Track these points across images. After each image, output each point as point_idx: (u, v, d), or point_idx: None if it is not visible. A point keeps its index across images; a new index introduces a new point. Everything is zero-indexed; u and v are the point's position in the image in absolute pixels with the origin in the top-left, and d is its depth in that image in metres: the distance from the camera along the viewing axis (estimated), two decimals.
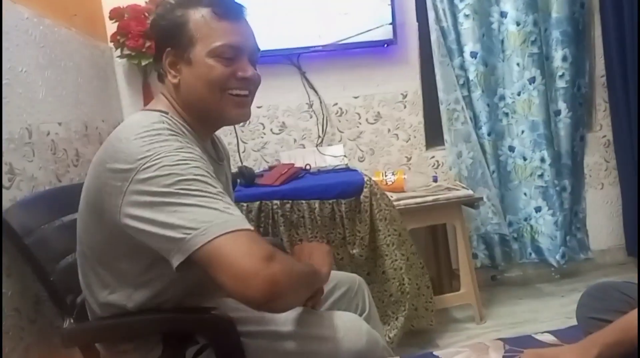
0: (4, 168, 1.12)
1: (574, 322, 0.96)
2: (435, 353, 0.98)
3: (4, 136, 1.15)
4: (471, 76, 2.30)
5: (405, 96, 2.42)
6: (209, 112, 1.03)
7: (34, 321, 1.15)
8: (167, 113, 1.00)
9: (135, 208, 0.85)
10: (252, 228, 0.86)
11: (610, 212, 2.57)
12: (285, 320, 1.08)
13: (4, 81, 1.18)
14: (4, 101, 1.17)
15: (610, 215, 2.57)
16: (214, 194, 0.86)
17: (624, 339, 0.74)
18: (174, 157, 0.87)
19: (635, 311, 0.75)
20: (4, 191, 1.11)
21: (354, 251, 1.87)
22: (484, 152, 2.36)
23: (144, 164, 0.86)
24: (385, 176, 2.22)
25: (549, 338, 0.96)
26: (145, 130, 0.91)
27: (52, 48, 1.51)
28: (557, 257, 2.34)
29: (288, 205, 1.81)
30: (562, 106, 2.34)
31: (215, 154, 1.13)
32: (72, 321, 1.08)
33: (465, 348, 0.98)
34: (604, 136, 2.53)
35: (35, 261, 1.06)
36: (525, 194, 2.39)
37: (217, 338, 1.02)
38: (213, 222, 0.82)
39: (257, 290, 0.80)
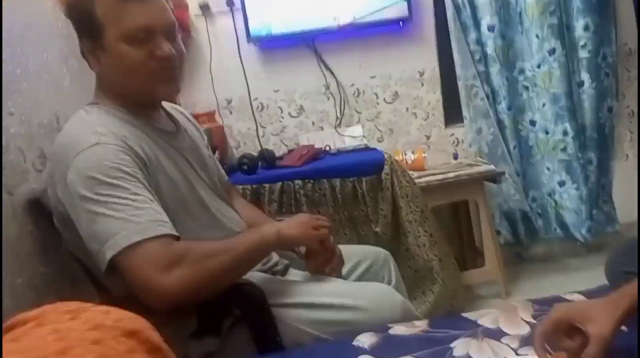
0: (36, 153, 1.16)
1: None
2: (463, 314, 0.99)
3: (36, 121, 1.18)
4: (489, 50, 2.27)
5: (422, 74, 2.40)
6: (138, 95, 1.02)
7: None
8: (97, 104, 1.02)
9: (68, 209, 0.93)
10: (163, 229, 0.89)
11: (636, 183, 2.52)
12: (320, 291, 1.11)
13: (29, 69, 1.21)
14: (32, 88, 1.20)
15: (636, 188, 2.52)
16: (124, 198, 0.88)
17: None
18: (90, 159, 0.90)
19: None
20: (37, 174, 1.14)
21: (377, 229, 1.87)
22: (504, 127, 2.33)
23: (62, 167, 0.92)
24: (405, 155, 2.22)
25: (578, 297, 0.96)
26: (68, 132, 0.97)
27: (75, 38, 1.54)
28: (583, 231, 2.31)
29: (310, 185, 1.83)
30: (585, 76, 2.29)
31: (171, 126, 1.12)
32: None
33: (494, 309, 0.99)
34: (628, 106, 2.47)
35: None
36: (548, 168, 2.36)
37: (249, 310, 1.04)
38: (119, 234, 0.86)
39: (156, 301, 0.86)
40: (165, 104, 1.17)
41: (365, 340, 0.94)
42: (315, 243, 1.12)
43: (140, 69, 0.98)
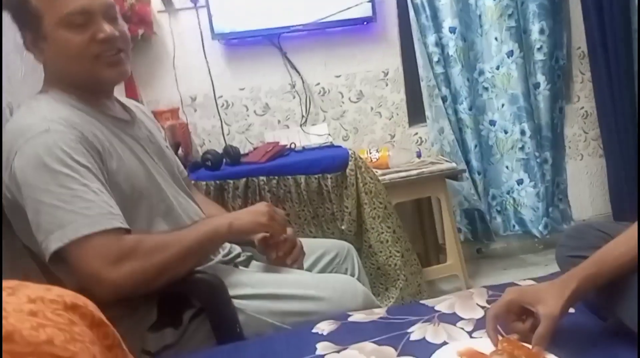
0: None
1: None
2: (422, 301, 1.01)
3: None
4: (450, 52, 2.32)
5: (386, 74, 2.44)
6: (85, 81, 1.00)
7: None
8: (46, 92, 1.00)
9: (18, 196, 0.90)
10: (113, 222, 0.88)
11: (591, 182, 2.63)
12: (282, 282, 1.11)
13: None
14: None
15: (591, 185, 2.63)
16: (74, 189, 0.87)
17: (599, 272, 0.77)
18: (39, 146, 0.88)
19: (611, 244, 0.78)
20: None
21: (343, 226, 1.89)
22: (465, 127, 2.39)
23: (10, 154, 0.89)
24: (370, 153, 2.25)
25: (530, 283, 0.99)
26: (17, 120, 0.95)
27: None
28: (540, 228, 2.39)
29: (274, 181, 1.83)
30: (541, 78, 2.38)
31: (126, 116, 1.11)
32: None
33: (451, 296, 1.01)
34: (582, 108, 2.58)
35: None
36: (507, 167, 2.44)
37: (209, 301, 1.03)
38: (67, 227, 0.85)
39: (104, 294, 0.85)
40: (120, 98, 1.15)
41: (324, 327, 0.95)
42: (273, 230, 1.12)
43: (83, 54, 0.95)
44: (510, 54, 2.31)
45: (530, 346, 0.75)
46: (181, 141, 1.93)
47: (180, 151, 1.92)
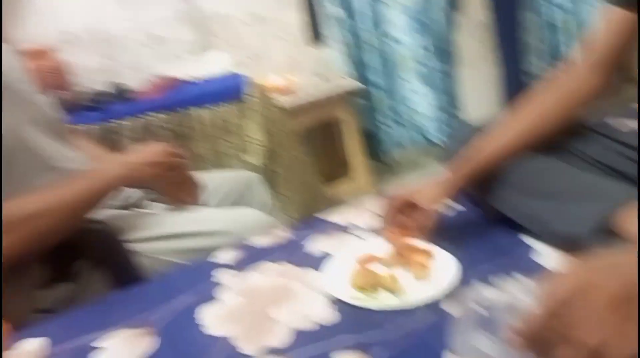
0: None
1: None
2: (318, 215, 1.03)
3: None
4: None
5: None
6: None
7: None
8: None
9: None
10: None
11: (483, 90, 2.76)
12: (182, 220, 1.08)
13: None
14: None
15: (484, 93, 2.76)
16: None
17: (477, 167, 0.82)
18: None
19: (486, 140, 0.82)
20: None
21: (251, 159, 1.85)
22: (365, 43, 2.38)
23: None
24: (272, 79, 2.19)
25: None
26: None
27: None
28: (439, 136, 2.51)
29: (172, 117, 1.73)
30: None
31: None
32: None
33: (347, 207, 1.04)
34: (475, 18, 2.64)
35: None
36: (405, 79, 2.48)
37: (101, 250, 0.98)
38: None
39: None
40: None
41: (223, 256, 0.94)
42: (170, 171, 1.07)
43: None
44: None
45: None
46: (58, 83, 1.75)
47: (57, 94, 1.74)
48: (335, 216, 1.01)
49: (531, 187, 0.79)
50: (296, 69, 2.39)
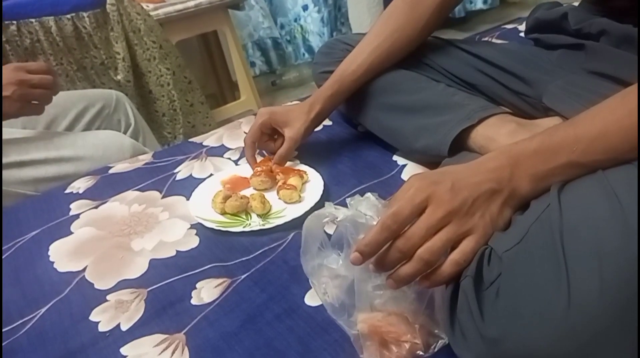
0: None
1: None
2: (190, 139, 0.97)
3: None
4: None
5: None
6: None
7: None
8: None
9: None
10: None
11: (369, 4, 2.72)
12: (28, 146, 0.95)
13: None
14: None
15: (369, 7, 2.73)
16: None
17: (340, 88, 0.80)
18: None
19: (348, 58, 0.80)
20: None
21: (119, 76, 1.67)
22: None
23: None
24: None
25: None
26: None
27: None
28: None
29: (13, 27, 1.47)
30: None
31: None
32: None
33: (220, 129, 0.99)
34: None
35: None
36: None
37: None
38: None
39: None
40: None
41: (80, 185, 0.85)
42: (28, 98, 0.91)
43: None
44: None
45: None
46: None
47: None
48: (210, 139, 0.95)
49: (391, 102, 0.80)
50: None
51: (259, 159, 0.83)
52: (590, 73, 0.66)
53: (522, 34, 1.03)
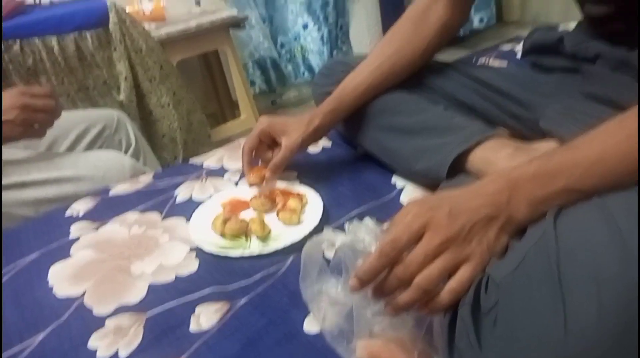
0: None
1: None
2: (191, 160, 0.98)
3: None
4: None
5: None
6: None
7: None
8: None
9: None
10: None
11: (368, 23, 2.76)
12: (29, 167, 0.96)
13: None
14: None
15: (369, 26, 2.76)
16: None
17: (340, 106, 0.81)
18: None
19: (349, 77, 0.81)
20: None
21: (122, 96, 1.68)
22: None
23: None
24: (142, 4, 1.96)
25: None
26: None
27: None
28: None
29: (16, 46, 1.49)
30: None
31: None
32: None
33: (220, 149, 1.00)
34: None
35: None
36: (292, 12, 2.39)
37: None
38: None
39: None
40: None
41: (80, 207, 0.85)
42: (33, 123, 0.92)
43: None
44: None
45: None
46: None
47: None
48: (210, 160, 0.95)
49: (390, 123, 0.80)
50: None
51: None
52: (588, 97, 0.67)
53: (519, 56, 1.05)
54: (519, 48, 1.14)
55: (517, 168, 0.48)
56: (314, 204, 0.76)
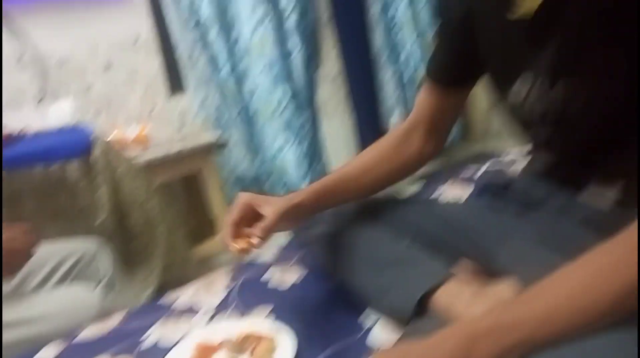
0: None
1: None
2: (162, 299, 0.98)
3: None
4: (204, 16, 2.24)
5: (137, 40, 2.24)
6: None
7: None
8: None
9: None
10: None
11: (344, 139, 2.91)
12: None
13: None
14: None
15: (345, 142, 2.92)
16: None
17: (322, 188, 0.85)
18: None
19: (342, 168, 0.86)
20: None
21: (98, 222, 1.70)
22: (227, 94, 2.38)
23: None
24: (127, 130, 2.07)
25: None
26: None
27: None
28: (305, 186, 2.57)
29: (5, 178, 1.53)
30: (295, 41, 2.47)
31: None
32: None
33: (194, 285, 1.00)
34: (332, 70, 2.79)
35: None
36: (270, 131, 2.52)
37: None
38: None
39: None
40: None
41: (48, 353, 0.83)
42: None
43: None
44: (264, 17, 2.33)
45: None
46: None
47: None
48: (182, 299, 0.96)
49: (359, 257, 0.83)
50: (153, 120, 2.30)
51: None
52: (538, 242, 0.71)
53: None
54: (478, 174, 1.21)
55: (475, 321, 0.50)
56: (284, 348, 0.76)
